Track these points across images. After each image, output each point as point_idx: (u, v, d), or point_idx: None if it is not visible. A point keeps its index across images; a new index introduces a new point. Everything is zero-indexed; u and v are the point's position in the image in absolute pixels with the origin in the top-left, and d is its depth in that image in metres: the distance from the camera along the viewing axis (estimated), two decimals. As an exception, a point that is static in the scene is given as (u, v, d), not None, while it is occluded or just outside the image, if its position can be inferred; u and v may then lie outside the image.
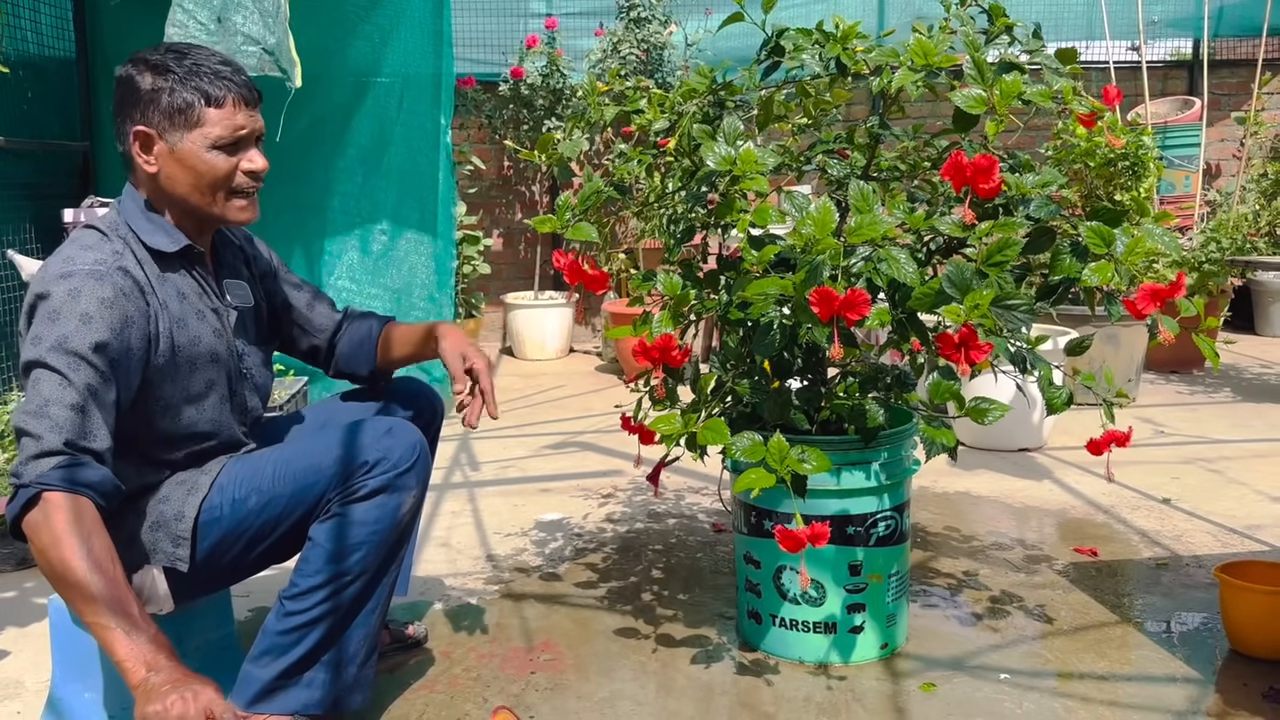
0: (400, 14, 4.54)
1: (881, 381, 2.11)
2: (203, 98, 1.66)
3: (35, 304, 1.59)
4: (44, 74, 4.13)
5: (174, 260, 1.74)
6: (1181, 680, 1.99)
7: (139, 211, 1.73)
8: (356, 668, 1.75)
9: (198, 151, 1.68)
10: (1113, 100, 2.01)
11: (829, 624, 2.06)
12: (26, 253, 3.63)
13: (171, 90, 1.66)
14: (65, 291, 1.57)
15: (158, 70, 1.67)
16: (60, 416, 1.50)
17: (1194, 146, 5.86)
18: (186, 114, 1.66)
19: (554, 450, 3.90)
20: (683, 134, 2.08)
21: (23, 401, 1.53)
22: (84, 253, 1.63)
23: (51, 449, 1.48)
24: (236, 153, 1.71)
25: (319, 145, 4.56)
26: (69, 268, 1.60)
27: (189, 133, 1.67)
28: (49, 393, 1.51)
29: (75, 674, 1.83)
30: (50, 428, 1.49)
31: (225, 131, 1.68)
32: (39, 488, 1.46)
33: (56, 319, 1.55)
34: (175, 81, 1.66)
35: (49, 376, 1.52)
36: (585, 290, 1.92)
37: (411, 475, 1.73)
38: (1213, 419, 4.11)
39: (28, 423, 1.50)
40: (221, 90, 1.67)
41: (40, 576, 2.59)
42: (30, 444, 1.49)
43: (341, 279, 4.73)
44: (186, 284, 1.76)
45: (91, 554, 1.45)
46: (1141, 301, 1.69)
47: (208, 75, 1.67)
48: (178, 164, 1.68)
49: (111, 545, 1.50)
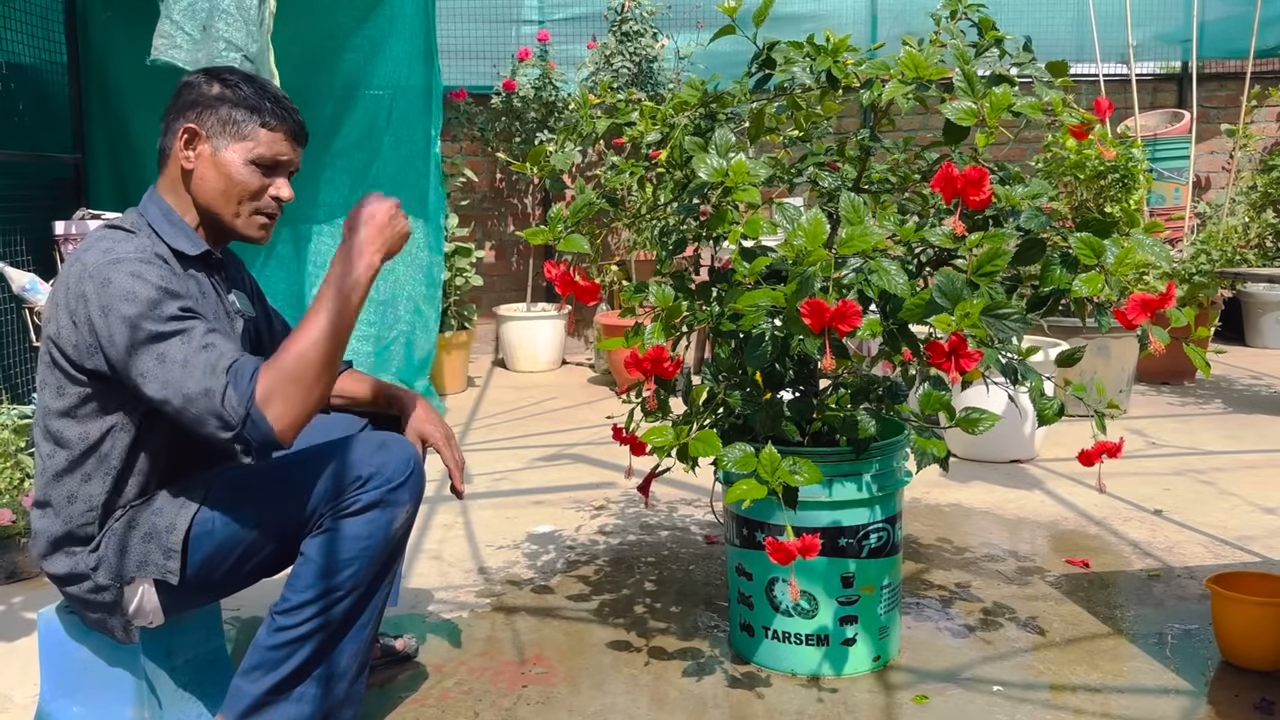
0: (390, 27, 4.55)
1: (873, 393, 2.12)
2: (260, 119, 1.75)
3: (93, 294, 1.59)
4: (35, 86, 4.12)
5: (194, 263, 1.78)
6: (1174, 692, 1.99)
7: (161, 214, 1.77)
8: (347, 683, 1.74)
9: (236, 161, 1.74)
10: (1105, 112, 2.02)
11: (821, 636, 2.05)
12: (17, 265, 3.61)
13: (235, 104, 1.74)
14: (127, 274, 1.60)
15: (227, 84, 1.76)
16: (204, 361, 1.55)
17: (1183, 159, 5.90)
18: (240, 126, 1.74)
19: (546, 462, 3.89)
20: (674, 146, 2.08)
21: (157, 376, 1.56)
22: (121, 244, 1.66)
23: (223, 385, 1.54)
24: (271, 176, 1.78)
25: (308, 156, 4.56)
26: (114, 256, 1.62)
27: (236, 143, 1.74)
28: (179, 354, 1.56)
29: (64, 688, 1.82)
30: (206, 374, 1.54)
31: (269, 152, 1.76)
32: (249, 407, 1.53)
33: (134, 298, 1.58)
34: (241, 98, 1.75)
35: (165, 343, 1.57)
36: (577, 302, 1.92)
37: (405, 490, 1.73)
38: (1204, 430, 4.12)
39: (187, 386, 1.54)
40: (277, 120, 1.77)
41: (29, 590, 2.57)
42: (209, 400, 1.54)
43: None
44: (205, 286, 1.80)
45: (294, 340, 1.58)
46: (1132, 312, 1.70)
47: (270, 101, 1.77)
48: (214, 168, 1.75)
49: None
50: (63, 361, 1.65)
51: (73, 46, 4.27)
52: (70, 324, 1.62)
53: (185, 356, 1.56)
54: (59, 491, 1.68)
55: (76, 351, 1.62)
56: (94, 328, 1.59)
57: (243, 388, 1.54)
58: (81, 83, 4.32)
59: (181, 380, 1.55)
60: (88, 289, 1.60)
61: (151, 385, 1.56)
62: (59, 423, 1.67)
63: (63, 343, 1.63)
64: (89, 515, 1.68)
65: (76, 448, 1.67)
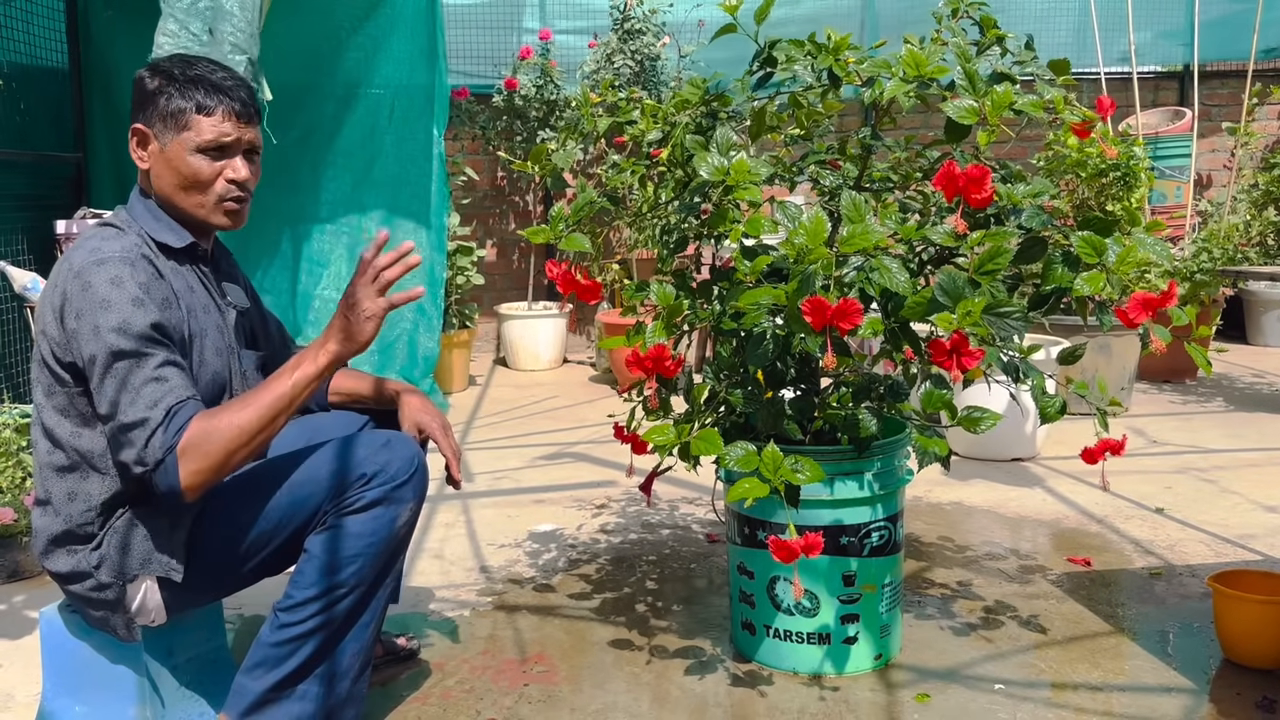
0: (392, 25, 4.54)
1: (875, 391, 2.12)
2: (194, 105, 1.73)
3: (73, 295, 1.61)
4: (36, 85, 4.12)
5: (181, 256, 1.79)
6: (1175, 690, 1.99)
7: (145, 210, 1.78)
8: (350, 682, 1.74)
9: (182, 154, 1.74)
10: (1106, 110, 2.02)
11: (823, 635, 2.06)
12: (18, 264, 3.62)
13: (170, 95, 1.73)
14: (107, 279, 1.61)
15: (164, 75, 1.75)
16: (150, 393, 1.57)
17: (1185, 157, 5.89)
18: (178, 118, 1.73)
19: (548, 461, 3.90)
20: (676, 145, 2.08)
21: (107, 392, 1.58)
22: (108, 243, 1.67)
23: (156, 423, 1.56)
24: (221, 159, 1.76)
25: (309, 155, 4.56)
26: (99, 256, 1.63)
27: (178, 135, 1.73)
28: (130, 377, 1.58)
29: (66, 687, 1.82)
30: (147, 407, 1.56)
31: (210, 137, 1.74)
32: (166, 453, 1.55)
33: (109, 306, 1.59)
34: (175, 88, 1.73)
35: (124, 362, 1.58)
36: (578, 300, 1.92)
37: (409, 488, 1.73)
38: (1206, 428, 4.12)
39: (125, 411, 1.57)
40: (214, 101, 1.74)
41: (31, 589, 2.58)
42: (138, 433, 1.56)
43: (328, 289, 4.72)
44: (193, 279, 1.80)
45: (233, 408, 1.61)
46: (1133, 310, 1.70)
47: (205, 85, 1.74)
48: (165, 163, 1.75)
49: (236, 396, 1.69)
50: (50, 360, 1.66)
51: (74, 45, 4.27)
52: (55, 322, 1.64)
53: (135, 382, 1.58)
54: (59, 489, 1.69)
55: (61, 349, 1.64)
56: (68, 328, 1.62)
57: (170, 434, 1.56)
58: (83, 81, 4.32)
59: (123, 404, 1.57)
60: (69, 289, 1.62)
61: (100, 400, 1.60)
62: (53, 420, 1.68)
63: (50, 341, 1.65)
64: (89, 513, 1.68)
65: (71, 446, 1.67)
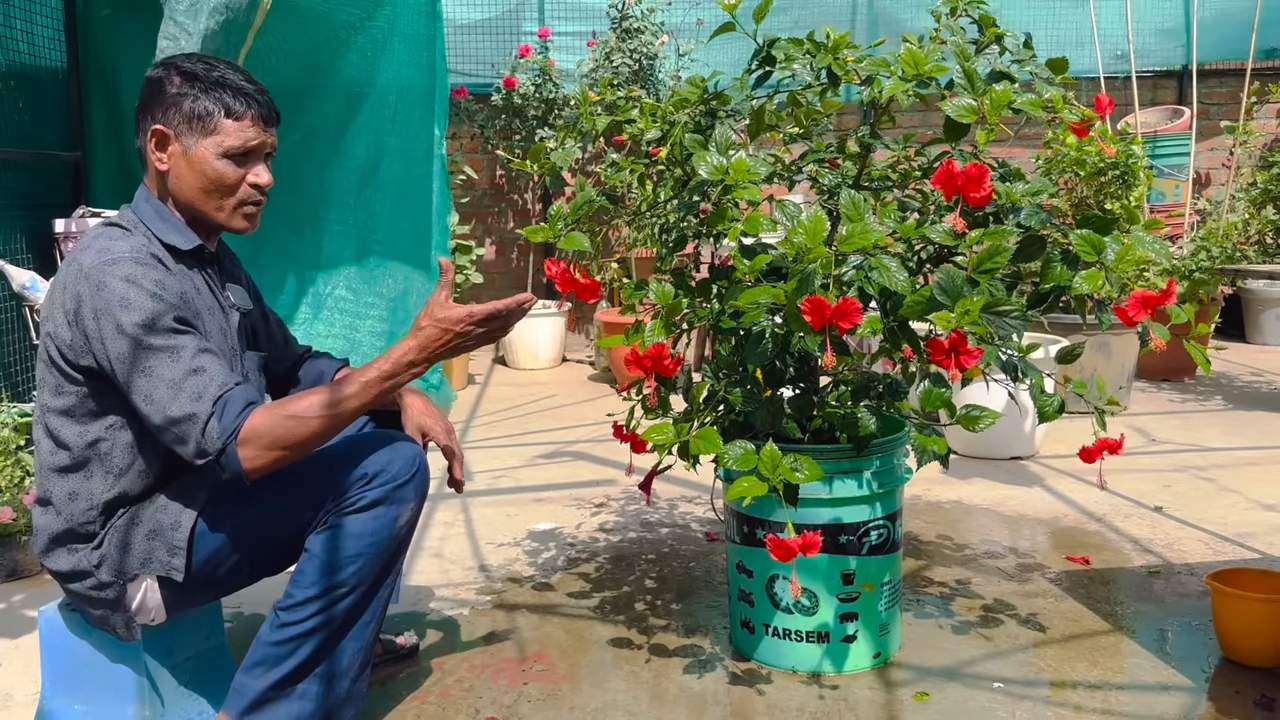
0: (393, 26, 4.54)
1: (873, 390, 2.12)
2: (223, 109, 1.72)
3: (88, 296, 1.60)
4: (36, 84, 4.12)
5: (187, 258, 1.78)
6: (1174, 688, 2.00)
7: (153, 211, 1.76)
8: (349, 681, 1.74)
9: (208, 157, 1.72)
10: (1105, 109, 2.02)
11: (822, 633, 2.06)
12: (17, 263, 3.61)
13: (195, 97, 1.71)
14: (122, 277, 1.60)
15: (187, 76, 1.73)
16: (193, 386, 1.57)
17: (1184, 155, 5.90)
18: (205, 121, 1.71)
19: (547, 459, 3.90)
20: (675, 143, 2.08)
21: (141, 388, 1.57)
22: (116, 243, 1.66)
23: (207, 414, 1.56)
24: (245, 164, 1.76)
25: (314, 156, 4.56)
26: (110, 255, 1.62)
27: (204, 139, 1.72)
28: (169, 373, 1.57)
29: (65, 686, 1.82)
30: (193, 399, 1.56)
31: (238, 142, 1.73)
32: (227, 441, 1.55)
33: (128, 304, 1.59)
34: (200, 89, 1.71)
35: (157, 357, 1.58)
36: (577, 299, 1.92)
37: (410, 488, 1.73)
38: (1204, 427, 4.12)
39: (171, 409, 1.56)
40: (242, 105, 1.73)
41: (30, 588, 2.58)
42: (191, 426, 1.56)
43: (339, 288, 4.72)
44: (199, 281, 1.79)
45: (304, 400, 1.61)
46: (1132, 309, 1.70)
47: (232, 89, 1.73)
48: (188, 166, 1.73)
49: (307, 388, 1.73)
50: (59, 360, 1.65)
51: (73, 43, 4.27)
52: (65, 324, 1.63)
53: (174, 377, 1.57)
54: (60, 489, 1.69)
55: (71, 351, 1.63)
56: (86, 330, 1.60)
57: (227, 422, 1.56)
58: (82, 80, 4.32)
59: (166, 401, 1.57)
60: (82, 290, 1.60)
61: (137, 397, 1.59)
62: (58, 421, 1.68)
63: (59, 342, 1.64)
64: (90, 513, 1.68)
65: (76, 446, 1.67)
